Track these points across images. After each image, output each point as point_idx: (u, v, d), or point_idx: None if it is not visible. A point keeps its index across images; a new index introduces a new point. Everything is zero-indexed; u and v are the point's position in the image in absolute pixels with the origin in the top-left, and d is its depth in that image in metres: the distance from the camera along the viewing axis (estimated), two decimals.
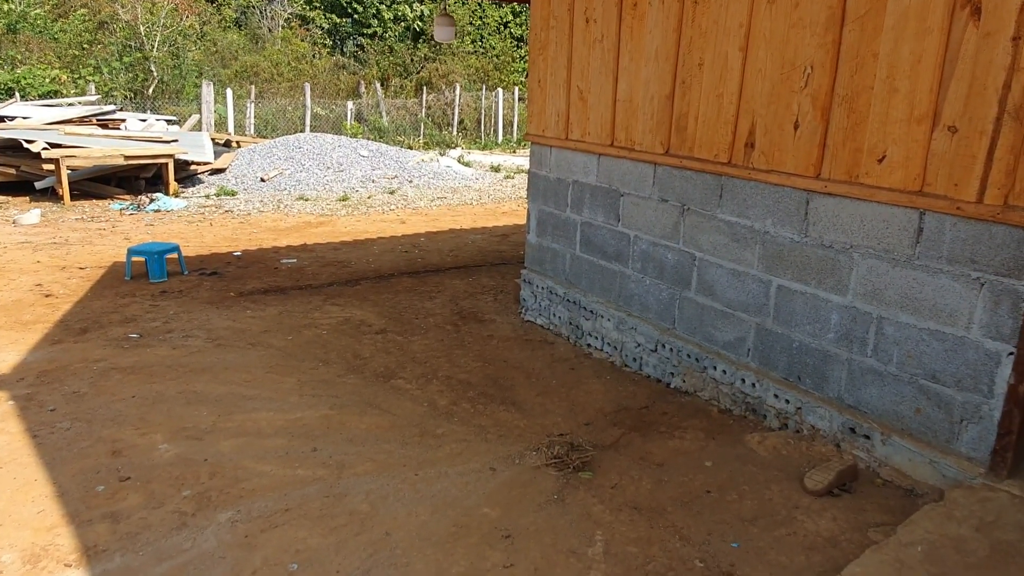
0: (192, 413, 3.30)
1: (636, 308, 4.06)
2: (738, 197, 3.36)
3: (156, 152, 9.60)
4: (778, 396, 3.25)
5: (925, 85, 2.56)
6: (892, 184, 2.71)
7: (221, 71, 21.20)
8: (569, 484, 2.76)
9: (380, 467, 2.86)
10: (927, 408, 2.72)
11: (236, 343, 4.30)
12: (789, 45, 3.01)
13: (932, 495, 2.63)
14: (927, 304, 2.66)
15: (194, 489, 2.66)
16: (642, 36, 3.75)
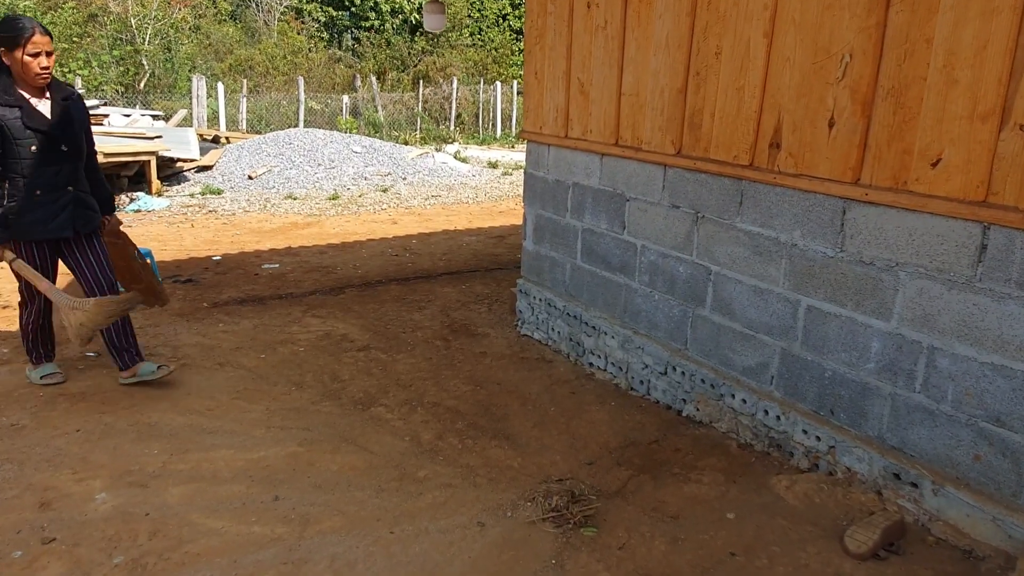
0: (141, 451, 2.91)
1: (643, 325, 3.65)
2: (761, 204, 2.95)
3: (138, 149, 9.18)
4: (807, 432, 2.85)
5: (992, 75, 2.15)
6: (949, 192, 2.30)
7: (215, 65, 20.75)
8: (570, 544, 2.36)
9: (350, 522, 2.46)
10: (989, 455, 2.31)
11: (203, 363, 3.90)
12: (823, 29, 2.60)
13: (997, 559, 2.23)
14: (991, 334, 2.26)
15: (129, 554, 2.26)
16: (650, 22, 3.33)
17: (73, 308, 3.15)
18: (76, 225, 3.29)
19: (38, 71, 3.05)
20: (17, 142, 3.06)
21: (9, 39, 3.01)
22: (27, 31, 3.00)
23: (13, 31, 3.00)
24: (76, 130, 3.24)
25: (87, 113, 3.37)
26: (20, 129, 3.06)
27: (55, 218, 3.21)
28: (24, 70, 3.04)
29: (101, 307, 3.17)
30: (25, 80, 3.08)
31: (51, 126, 3.14)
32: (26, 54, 3.00)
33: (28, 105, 3.09)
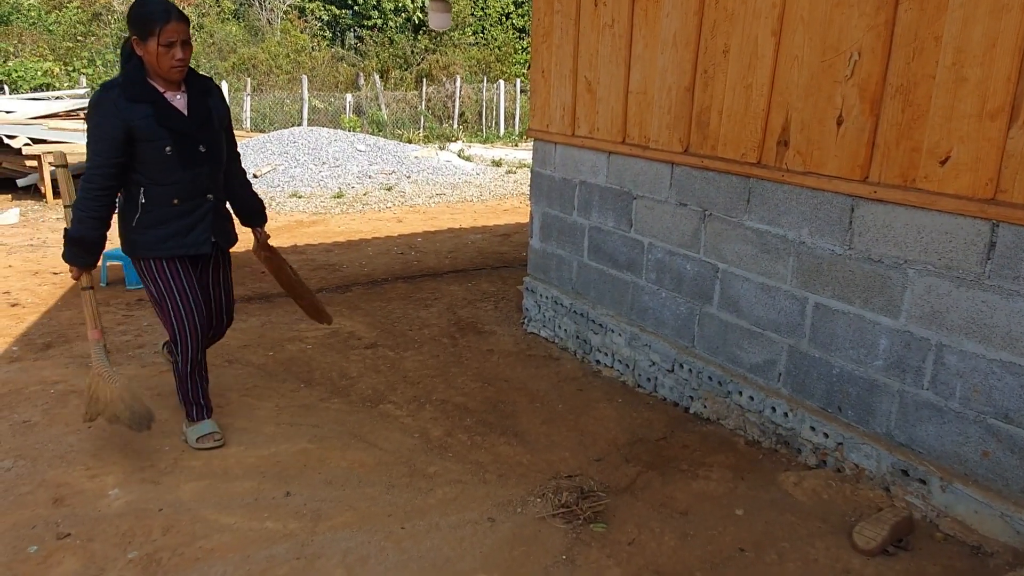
0: (153, 448, 2.93)
1: (650, 323, 3.66)
2: (769, 202, 2.96)
3: None
4: (815, 429, 2.86)
5: (1001, 73, 2.16)
6: (958, 190, 2.31)
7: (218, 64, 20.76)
8: (580, 540, 2.37)
9: (361, 518, 2.48)
10: (997, 452, 2.32)
11: (211, 360, 3.89)
12: (832, 27, 2.61)
13: (1005, 555, 2.24)
14: (999, 331, 2.27)
15: (143, 549, 2.28)
16: (658, 20, 3.34)
17: (102, 376, 2.71)
18: (217, 239, 2.85)
19: (173, 63, 2.58)
20: (149, 144, 2.59)
21: (140, 27, 2.53)
22: (161, 19, 2.51)
23: (145, 18, 2.52)
24: (216, 128, 2.79)
25: (228, 108, 2.92)
26: (152, 128, 2.58)
27: (192, 230, 2.74)
28: (158, 62, 2.56)
29: (121, 398, 2.68)
30: (157, 72, 2.60)
31: (188, 124, 2.67)
32: (160, 44, 2.53)
33: (161, 100, 2.62)
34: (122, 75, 2.61)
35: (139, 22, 2.54)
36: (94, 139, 2.57)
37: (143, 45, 2.55)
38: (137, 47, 2.57)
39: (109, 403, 2.66)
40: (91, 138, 2.57)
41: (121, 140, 2.55)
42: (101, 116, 2.56)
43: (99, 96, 2.58)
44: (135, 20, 2.56)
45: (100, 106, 2.56)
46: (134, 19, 2.56)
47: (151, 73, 2.62)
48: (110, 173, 2.59)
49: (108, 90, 2.59)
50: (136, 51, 2.59)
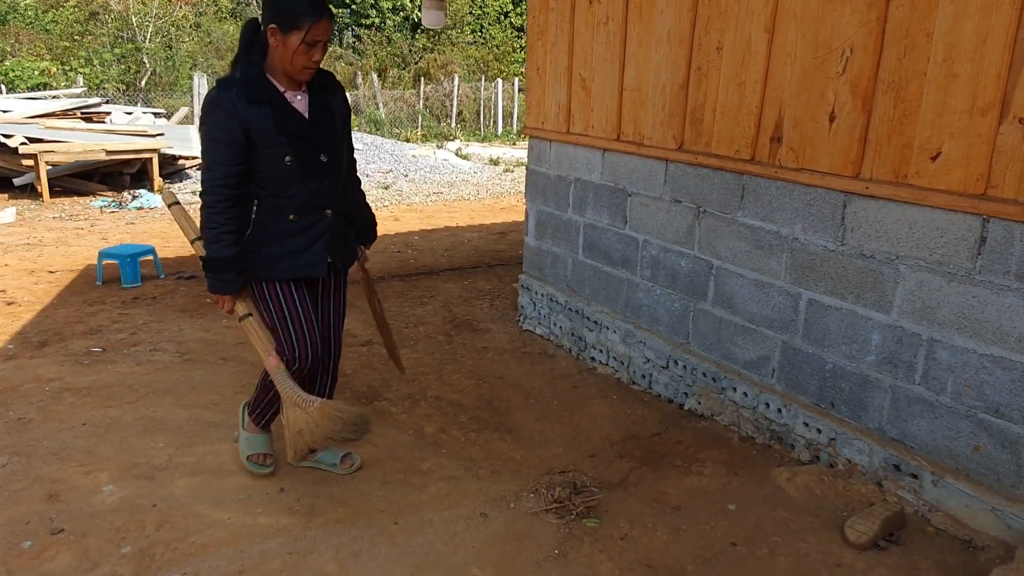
0: (147, 445, 2.93)
1: (645, 320, 3.67)
2: (762, 199, 2.96)
3: (140, 146, 9.21)
4: (808, 424, 2.87)
5: (991, 70, 2.17)
6: (949, 186, 2.32)
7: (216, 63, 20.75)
8: (572, 535, 2.38)
9: (354, 513, 2.48)
10: (988, 446, 2.33)
11: (207, 357, 3.92)
12: (824, 24, 2.61)
13: (996, 549, 2.25)
14: (990, 326, 2.28)
15: (136, 544, 2.29)
16: (652, 17, 3.35)
17: (296, 405, 2.36)
18: (334, 260, 2.51)
19: (308, 64, 2.27)
20: (267, 152, 2.28)
21: (286, 17, 2.20)
22: (314, 14, 2.20)
23: (296, 10, 2.19)
24: (339, 133, 2.46)
25: (350, 109, 2.57)
26: (271, 135, 2.26)
27: (307, 250, 2.42)
28: (292, 59, 2.24)
29: (326, 415, 2.33)
30: (285, 70, 2.28)
31: (310, 129, 2.35)
32: (304, 41, 2.22)
33: (281, 102, 2.30)
34: (241, 70, 2.27)
35: (286, 12, 2.20)
36: (212, 143, 2.26)
37: (282, 37, 2.21)
38: (272, 36, 2.23)
39: (316, 427, 2.33)
40: (209, 143, 2.27)
41: (242, 144, 2.25)
42: (220, 117, 2.23)
43: (216, 95, 2.25)
44: (282, 8, 2.21)
45: (218, 106, 2.23)
46: (281, 7, 2.21)
47: (273, 68, 2.30)
48: (233, 182, 2.27)
49: (226, 88, 2.25)
50: (269, 40, 2.25)
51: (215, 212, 2.28)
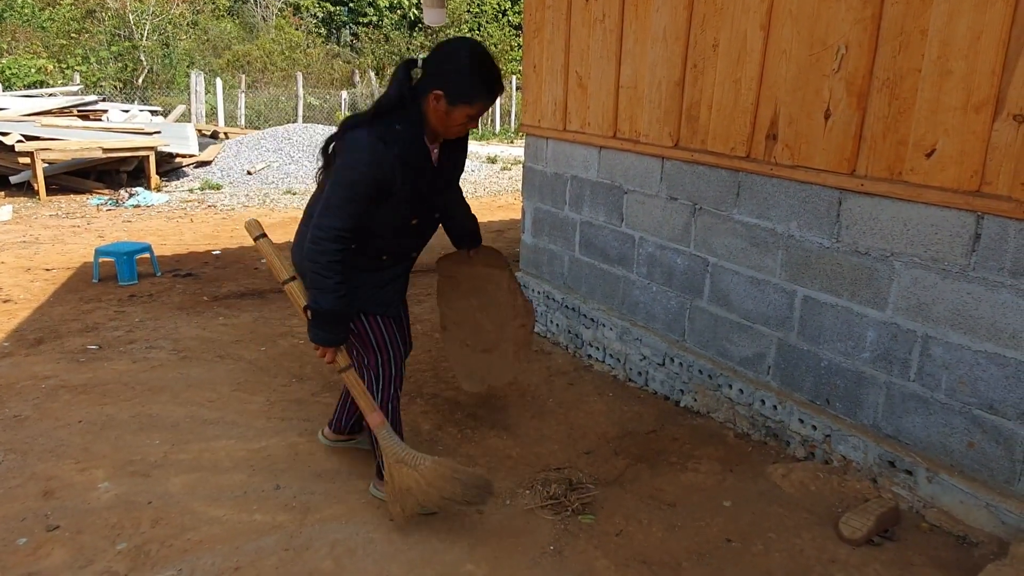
0: (143, 442, 2.93)
1: (641, 317, 3.67)
2: (758, 196, 2.97)
3: (136, 144, 9.19)
4: (803, 421, 2.87)
5: (985, 66, 2.17)
6: (943, 183, 2.32)
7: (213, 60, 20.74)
8: (568, 531, 2.38)
9: (350, 510, 2.48)
10: (982, 443, 2.34)
11: (203, 355, 3.92)
12: (819, 22, 2.62)
13: (990, 545, 2.26)
14: (984, 323, 2.28)
15: (132, 541, 2.29)
16: (648, 15, 3.35)
17: (402, 462, 2.26)
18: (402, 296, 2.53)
19: (463, 130, 2.23)
20: (396, 208, 2.20)
21: (460, 91, 2.11)
22: (488, 97, 2.15)
23: (472, 87, 2.12)
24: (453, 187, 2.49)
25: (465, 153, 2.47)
26: (409, 195, 2.19)
27: (385, 287, 2.38)
28: (449, 124, 2.17)
29: (440, 475, 2.22)
30: (437, 130, 2.20)
31: (437, 193, 2.34)
32: (468, 115, 2.15)
33: (430, 168, 2.25)
34: (405, 129, 2.13)
35: (462, 85, 2.11)
36: (352, 195, 2.09)
37: (447, 106, 2.11)
38: (436, 100, 2.11)
39: (428, 487, 2.21)
40: (348, 192, 2.09)
41: (375, 201, 2.13)
42: (375, 174, 2.09)
43: (377, 148, 2.08)
44: (458, 80, 2.10)
45: (377, 163, 2.08)
46: (458, 78, 2.10)
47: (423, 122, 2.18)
48: (352, 237, 2.15)
49: (388, 145, 2.08)
50: (431, 101, 2.13)
51: (334, 261, 2.12)
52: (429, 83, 2.12)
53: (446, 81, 2.10)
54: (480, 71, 2.12)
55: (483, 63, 2.13)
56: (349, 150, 2.10)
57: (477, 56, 2.12)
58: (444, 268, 2.88)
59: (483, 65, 2.12)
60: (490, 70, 2.14)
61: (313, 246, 2.11)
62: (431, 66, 2.14)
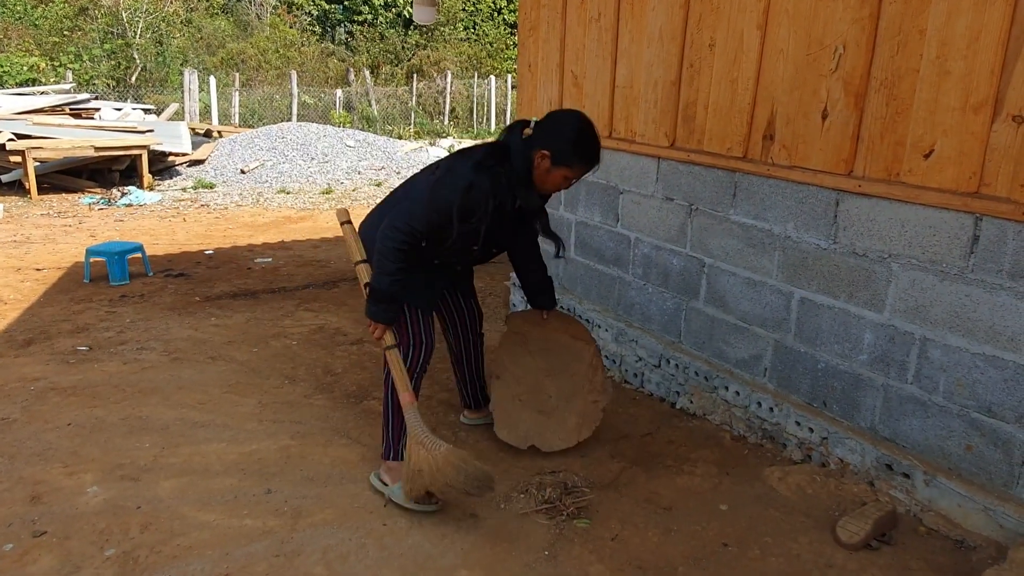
0: (132, 445, 2.89)
1: (637, 318, 3.65)
2: (754, 196, 2.95)
3: (129, 143, 9.13)
4: (800, 423, 2.85)
5: (985, 66, 2.15)
6: (941, 184, 2.30)
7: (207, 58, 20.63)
8: (563, 536, 2.36)
9: (342, 515, 2.45)
10: (980, 446, 2.32)
11: (195, 357, 3.88)
12: (817, 21, 2.59)
13: (989, 549, 2.24)
14: (983, 325, 2.26)
15: (120, 547, 2.25)
16: (644, 13, 3.32)
17: (421, 444, 2.36)
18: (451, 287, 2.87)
19: (558, 190, 2.48)
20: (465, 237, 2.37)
21: (564, 155, 2.32)
22: (589, 165, 2.40)
23: (576, 155, 2.34)
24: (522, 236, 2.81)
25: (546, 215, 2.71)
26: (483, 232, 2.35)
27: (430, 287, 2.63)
28: (548, 183, 2.40)
29: (451, 462, 2.30)
30: (537, 183, 2.41)
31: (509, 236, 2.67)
32: (565, 177, 2.38)
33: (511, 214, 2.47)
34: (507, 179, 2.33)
35: (567, 151, 2.32)
36: (437, 208, 2.30)
37: (550, 166, 2.34)
38: (541, 159, 2.33)
39: (437, 472, 2.31)
40: (434, 204, 2.31)
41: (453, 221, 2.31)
42: (461, 200, 2.29)
43: (475, 182, 2.29)
44: (566, 146, 2.32)
45: (468, 192, 2.29)
46: (566, 145, 2.32)
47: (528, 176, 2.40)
48: (422, 239, 2.36)
49: (491, 185, 2.30)
50: (536, 158, 2.34)
51: (401, 252, 2.33)
52: (539, 142, 2.35)
53: (553, 144, 2.33)
54: (584, 142, 2.36)
55: (588, 135, 2.37)
56: (454, 174, 2.35)
57: (584, 128, 2.37)
58: (515, 324, 3.04)
59: (587, 137, 2.37)
60: (593, 143, 2.39)
61: (388, 232, 2.33)
62: (543, 129, 2.38)
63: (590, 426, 2.90)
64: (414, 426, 2.42)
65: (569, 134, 2.35)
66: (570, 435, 2.88)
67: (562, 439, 2.87)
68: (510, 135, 2.41)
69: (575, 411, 2.92)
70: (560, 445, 2.86)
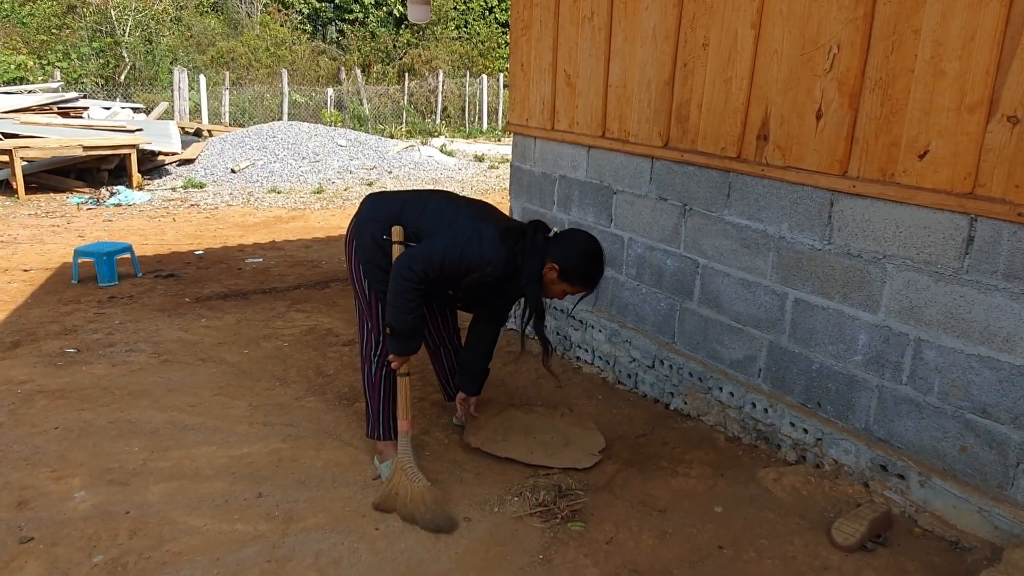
0: (121, 449, 2.85)
1: (631, 319, 3.64)
2: (749, 197, 2.93)
3: (118, 142, 9.05)
4: (795, 424, 2.85)
5: (979, 66, 2.15)
6: (936, 184, 2.30)
7: (197, 57, 20.50)
8: (557, 539, 2.34)
9: (335, 519, 2.43)
10: (975, 447, 2.32)
11: (185, 358, 3.84)
12: (811, 21, 2.58)
13: (983, 550, 2.24)
14: (977, 326, 2.26)
15: (108, 553, 2.22)
16: (637, 12, 3.31)
17: (404, 471, 2.52)
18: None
19: (556, 296, 2.61)
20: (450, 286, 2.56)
21: (571, 272, 2.48)
22: (590, 286, 2.54)
23: (581, 274, 2.50)
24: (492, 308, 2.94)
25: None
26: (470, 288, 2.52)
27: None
28: (551, 292, 2.56)
29: (423, 498, 2.44)
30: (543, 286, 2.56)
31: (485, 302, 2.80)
32: (566, 291, 2.55)
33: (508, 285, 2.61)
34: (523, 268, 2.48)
35: (576, 269, 2.49)
36: (447, 258, 2.43)
37: (556, 278, 2.50)
38: (550, 270, 2.48)
39: (408, 502, 2.43)
40: (447, 253, 2.43)
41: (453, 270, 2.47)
42: (468, 261, 2.44)
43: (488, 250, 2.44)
44: (575, 270, 2.48)
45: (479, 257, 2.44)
46: (575, 270, 2.48)
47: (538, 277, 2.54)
48: (428, 288, 2.49)
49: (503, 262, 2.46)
50: (545, 268, 2.48)
51: (417, 292, 2.45)
52: (552, 255, 2.49)
53: (564, 261, 2.48)
54: (590, 267, 2.51)
55: (595, 262, 2.52)
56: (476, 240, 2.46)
57: (591, 253, 2.52)
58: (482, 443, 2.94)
59: (594, 263, 2.52)
60: (596, 270, 2.52)
61: (404, 272, 2.43)
62: (559, 242, 2.52)
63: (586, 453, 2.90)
64: (403, 453, 2.56)
65: (580, 257, 2.50)
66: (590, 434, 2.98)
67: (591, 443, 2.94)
68: (535, 232, 2.52)
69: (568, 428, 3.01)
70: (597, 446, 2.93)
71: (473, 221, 2.54)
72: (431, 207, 2.63)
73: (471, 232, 2.48)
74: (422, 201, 2.67)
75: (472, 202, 2.72)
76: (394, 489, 2.48)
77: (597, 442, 2.93)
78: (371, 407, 2.78)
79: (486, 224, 2.52)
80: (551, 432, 2.96)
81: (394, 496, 2.47)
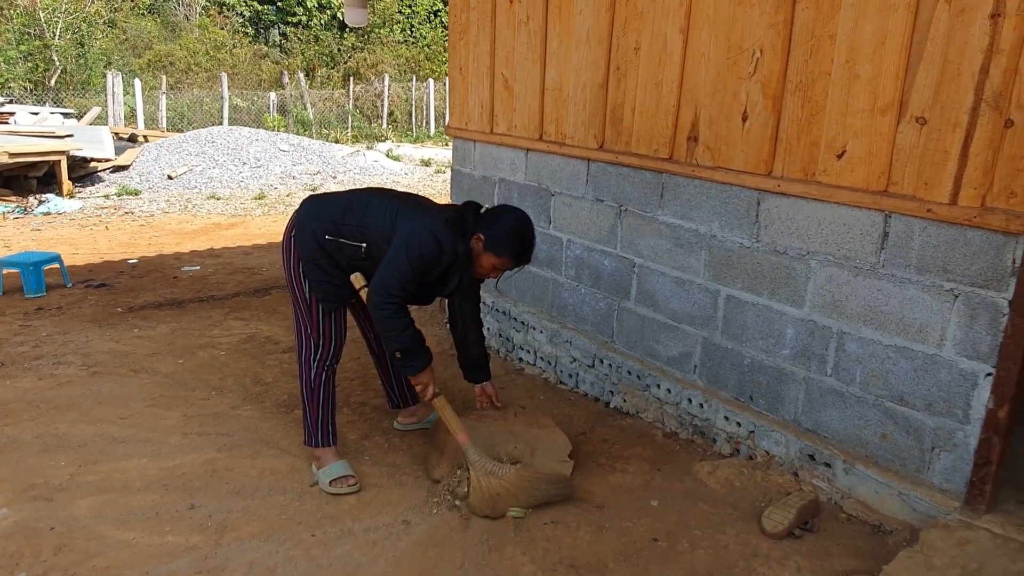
0: (47, 464, 2.75)
1: (571, 319, 3.68)
2: (681, 197, 3.01)
3: (46, 148, 8.72)
4: (728, 418, 2.92)
5: (890, 70, 2.25)
6: (853, 183, 2.39)
7: (132, 60, 19.88)
8: (495, 537, 2.35)
9: (270, 527, 2.39)
10: (894, 434, 2.42)
11: (116, 370, 3.72)
12: (736, 26, 2.66)
13: (903, 532, 2.34)
14: (893, 318, 2.36)
15: (32, 571, 2.13)
16: (571, 17, 3.36)
17: (490, 474, 2.50)
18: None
19: (485, 277, 2.66)
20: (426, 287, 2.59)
21: (500, 248, 2.49)
22: (520, 263, 2.56)
23: (511, 251, 2.50)
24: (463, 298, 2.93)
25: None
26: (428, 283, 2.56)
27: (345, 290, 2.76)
28: (478, 268, 2.57)
29: (525, 479, 2.50)
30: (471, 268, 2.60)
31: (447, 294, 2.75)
32: (495, 267, 2.54)
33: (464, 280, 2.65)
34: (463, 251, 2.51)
35: (504, 246, 2.49)
36: (411, 269, 2.45)
37: (482, 251, 2.51)
38: (477, 242, 2.51)
39: (516, 491, 2.48)
40: (408, 266, 2.45)
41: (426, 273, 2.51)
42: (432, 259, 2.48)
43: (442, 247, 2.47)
44: (502, 243, 2.49)
45: (436, 254, 2.47)
46: (501, 241, 2.49)
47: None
48: (409, 293, 2.51)
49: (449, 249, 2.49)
50: (473, 241, 2.51)
51: (401, 311, 2.49)
52: (479, 227, 2.52)
53: (490, 234, 2.49)
54: (516, 239, 2.51)
55: (522, 235, 2.53)
56: (429, 237, 2.46)
57: (520, 226, 2.53)
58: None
59: (520, 236, 2.52)
60: (523, 242, 2.53)
61: (382, 300, 2.45)
62: (487, 216, 2.56)
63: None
64: (478, 460, 2.55)
65: (504, 228, 2.51)
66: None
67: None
68: (466, 212, 2.56)
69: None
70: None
71: (416, 219, 2.54)
72: (373, 204, 2.61)
73: (421, 230, 2.48)
74: (363, 200, 2.65)
75: (408, 196, 2.73)
76: (493, 493, 2.47)
77: (561, 442, 2.82)
78: (309, 414, 2.75)
79: (430, 218, 2.53)
80: (512, 440, 2.80)
81: (496, 498, 2.47)
